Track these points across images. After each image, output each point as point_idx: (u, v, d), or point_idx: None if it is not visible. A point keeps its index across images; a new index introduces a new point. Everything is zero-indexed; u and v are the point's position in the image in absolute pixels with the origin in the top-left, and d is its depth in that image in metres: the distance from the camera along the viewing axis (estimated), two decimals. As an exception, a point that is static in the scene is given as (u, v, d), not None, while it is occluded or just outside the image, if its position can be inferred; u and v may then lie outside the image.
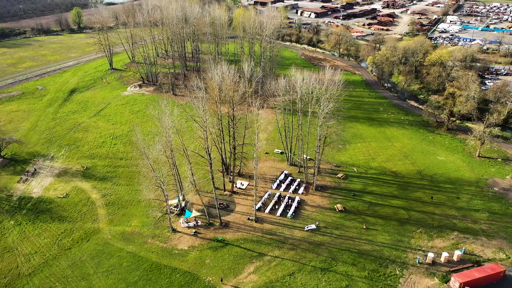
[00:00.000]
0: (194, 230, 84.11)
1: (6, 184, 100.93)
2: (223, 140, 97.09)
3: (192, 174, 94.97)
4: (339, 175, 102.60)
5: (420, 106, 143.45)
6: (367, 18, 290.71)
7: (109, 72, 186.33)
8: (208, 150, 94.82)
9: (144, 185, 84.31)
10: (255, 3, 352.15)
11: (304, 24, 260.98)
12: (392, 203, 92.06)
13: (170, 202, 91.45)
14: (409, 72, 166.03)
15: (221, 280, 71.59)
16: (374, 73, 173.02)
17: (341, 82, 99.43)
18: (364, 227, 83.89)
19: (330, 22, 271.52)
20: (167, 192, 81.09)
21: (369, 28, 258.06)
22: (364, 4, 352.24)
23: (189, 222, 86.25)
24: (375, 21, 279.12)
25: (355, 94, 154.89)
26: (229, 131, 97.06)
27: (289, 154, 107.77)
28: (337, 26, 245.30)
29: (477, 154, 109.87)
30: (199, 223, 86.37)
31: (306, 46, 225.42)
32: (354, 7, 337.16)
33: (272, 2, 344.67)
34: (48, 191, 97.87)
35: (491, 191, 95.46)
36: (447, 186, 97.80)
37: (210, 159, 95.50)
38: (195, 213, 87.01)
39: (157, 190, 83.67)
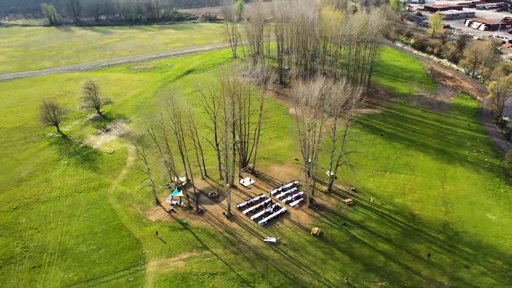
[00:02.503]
0: (171, 208, 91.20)
1: (85, 134, 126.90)
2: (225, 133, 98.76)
3: (203, 159, 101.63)
4: (347, 200, 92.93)
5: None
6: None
7: (230, 60, 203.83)
8: (216, 140, 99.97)
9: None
10: (425, 8, 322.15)
11: (463, 35, 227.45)
12: (378, 246, 79.50)
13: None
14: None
15: (156, 233, 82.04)
16: (495, 102, 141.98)
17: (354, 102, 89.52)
18: (345, 280, 71.88)
19: (498, 36, 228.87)
20: (148, 166, 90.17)
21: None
22: None
23: (174, 200, 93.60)
24: None
25: (451, 122, 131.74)
26: (215, 128, 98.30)
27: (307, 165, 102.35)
28: (504, 42, 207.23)
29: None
30: (181, 203, 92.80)
31: (443, 60, 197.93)
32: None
33: (443, 9, 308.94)
34: (104, 146, 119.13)
35: (522, 275, 72.13)
36: (466, 250, 78.04)
37: (218, 149, 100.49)
38: (181, 194, 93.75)
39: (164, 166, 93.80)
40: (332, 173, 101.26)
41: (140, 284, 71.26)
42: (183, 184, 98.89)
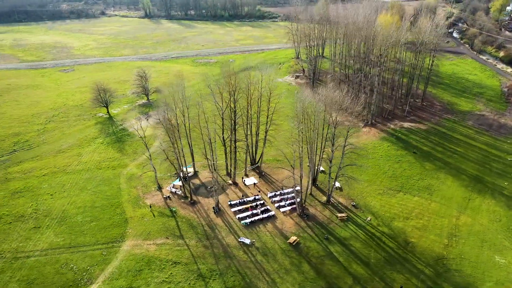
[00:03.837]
0: (169, 195, 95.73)
1: (128, 117, 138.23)
2: (231, 131, 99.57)
3: (211, 153, 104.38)
4: (341, 214, 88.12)
5: None
6: None
7: (292, 60, 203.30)
8: (223, 136, 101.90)
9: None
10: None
11: None
12: (351, 267, 74.41)
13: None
14: None
15: (150, 206, 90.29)
16: None
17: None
18: None
19: None
20: (150, 152, 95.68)
21: None
22: None
23: (174, 188, 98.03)
24: None
25: (504, 147, 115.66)
26: (222, 124, 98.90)
27: (313, 172, 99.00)
28: None
29: None
30: (180, 192, 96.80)
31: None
32: None
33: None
34: (138, 131, 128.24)
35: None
36: (450, 291, 69.26)
37: (225, 145, 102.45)
38: (180, 183, 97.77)
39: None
40: (337, 184, 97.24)
41: (110, 259, 76.66)
42: (189, 174, 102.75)
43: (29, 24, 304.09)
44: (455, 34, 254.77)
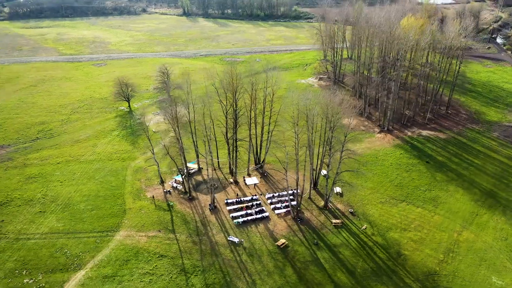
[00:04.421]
0: (170, 190, 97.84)
1: (146, 112, 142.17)
2: (232, 130, 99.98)
3: (217, 151, 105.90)
4: (336, 220, 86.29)
5: None
6: None
7: (318, 61, 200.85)
8: (227, 135, 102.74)
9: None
10: None
11: None
12: (335, 275, 72.77)
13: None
14: None
15: (153, 197, 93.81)
16: None
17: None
18: None
19: None
20: (152, 148, 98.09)
21: None
22: None
23: (176, 183, 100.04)
24: None
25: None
26: (226, 123, 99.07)
27: (313, 175, 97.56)
28: None
29: None
30: (180, 187, 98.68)
31: None
32: None
33: None
34: (154, 125, 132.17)
35: None
36: (435, 309, 66.06)
37: (228, 144, 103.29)
38: (180, 178, 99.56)
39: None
40: (338, 190, 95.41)
41: (101, 247, 79.58)
42: (192, 170, 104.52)
43: (74, 20, 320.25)
44: (498, 40, 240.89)
